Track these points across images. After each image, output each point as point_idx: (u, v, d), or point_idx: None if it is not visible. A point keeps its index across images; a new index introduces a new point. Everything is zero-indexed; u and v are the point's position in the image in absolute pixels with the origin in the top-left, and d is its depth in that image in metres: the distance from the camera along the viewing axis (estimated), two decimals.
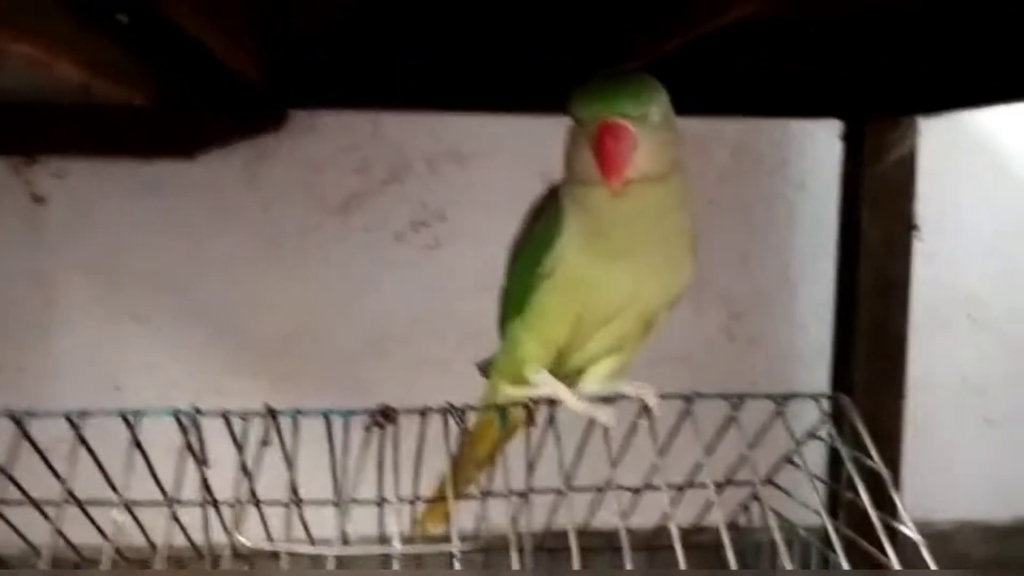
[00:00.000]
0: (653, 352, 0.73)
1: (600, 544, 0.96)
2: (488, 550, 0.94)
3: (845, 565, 0.59)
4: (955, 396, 1.24)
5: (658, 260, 0.65)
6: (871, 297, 1.05)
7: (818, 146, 1.17)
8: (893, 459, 1.03)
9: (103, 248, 1.10)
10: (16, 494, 0.72)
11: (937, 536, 1.18)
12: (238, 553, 0.81)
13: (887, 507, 0.62)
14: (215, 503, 0.68)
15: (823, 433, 0.68)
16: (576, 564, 0.60)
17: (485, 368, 0.81)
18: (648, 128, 0.59)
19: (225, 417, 0.65)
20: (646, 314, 0.67)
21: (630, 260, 0.64)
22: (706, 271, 1.11)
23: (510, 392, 0.72)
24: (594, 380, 0.71)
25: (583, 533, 0.62)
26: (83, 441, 0.64)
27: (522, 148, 1.14)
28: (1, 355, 1.10)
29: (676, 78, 0.64)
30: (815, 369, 1.19)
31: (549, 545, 0.92)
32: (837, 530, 0.62)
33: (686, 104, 0.64)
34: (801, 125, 1.16)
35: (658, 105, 0.60)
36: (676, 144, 0.62)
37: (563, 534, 0.84)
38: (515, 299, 0.71)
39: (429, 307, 1.15)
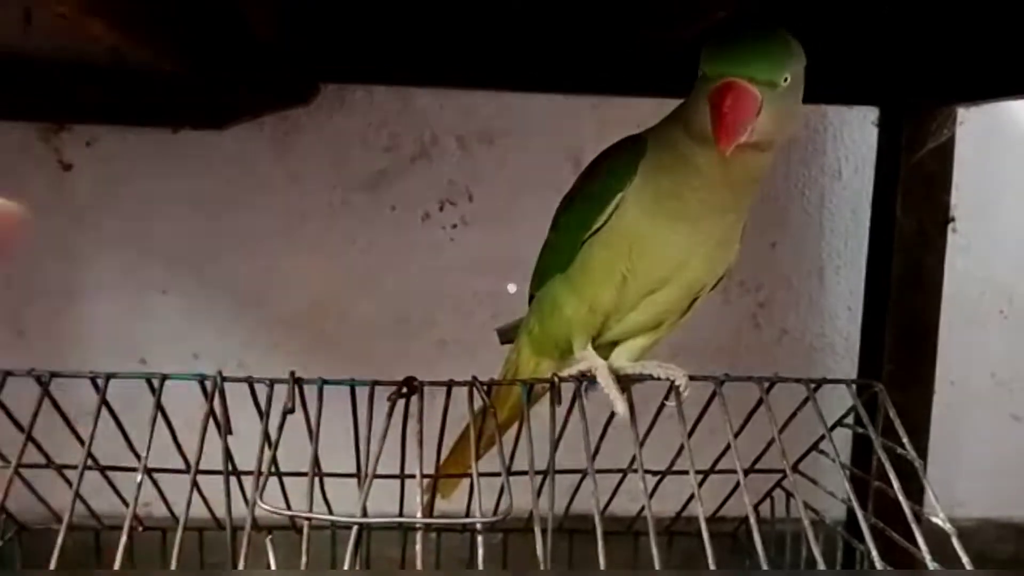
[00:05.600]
0: (679, 339, 0.72)
1: (620, 528, 0.96)
2: (509, 530, 0.95)
3: (875, 556, 0.58)
4: (983, 392, 1.22)
5: (716, 232, 0.63)
6: (903, 289, 1.03)
7: (853, 134, 1.15)
8: (920, 452, 1.02)
9: (129, 217, 1.09)
10: (39, 458, 0.72)
11: (959, 533, 1.16)
12: (258, 524, 0.81)
13: (916, 498, 0.61)
14: (236, 472, 0.67)
15: (853, 420, 0.67)
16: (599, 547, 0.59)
17: (506, 333, 0.80)
18: (775, 94, 0.55)
19: (250, 383, 0.64)
20: (692, 288, 0.66)
21: (691, 226, 0.62)
22: None
23: (546, 368, 0.70)
24: (624, 356, 0.69)
25: (602, 517, 0.61)
26: (107, 404, 0.64)
27: (552, 128, 1.13)
28: (25, 320, 1.10)
29: None
30: (843, 360, 1.17)
31: (569, 527, 0.91)
32: (867, 520, 0.61)
33: None
34: (837, 112, 1.14)
35: (791, 70, 0.56)
36: (798, 113, 0.59)
37: (583, 517, 0.83)
38: (559, 255, 0.68)
39: (453, 287, 1.15)
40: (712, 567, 0.57)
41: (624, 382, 0.67)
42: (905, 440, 0.62)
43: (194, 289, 1.12)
